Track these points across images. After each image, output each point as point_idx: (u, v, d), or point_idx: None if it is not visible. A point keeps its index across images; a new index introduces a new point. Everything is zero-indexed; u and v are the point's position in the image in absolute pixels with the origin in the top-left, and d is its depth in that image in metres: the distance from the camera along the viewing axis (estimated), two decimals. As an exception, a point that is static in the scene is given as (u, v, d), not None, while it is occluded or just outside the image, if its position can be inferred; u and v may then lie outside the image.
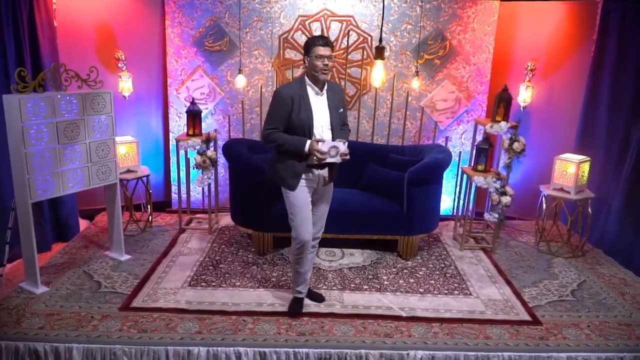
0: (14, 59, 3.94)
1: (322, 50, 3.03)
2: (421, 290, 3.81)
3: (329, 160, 3.10)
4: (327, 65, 3.06)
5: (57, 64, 3.71)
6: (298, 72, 5.09)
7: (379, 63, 4.09)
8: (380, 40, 4.04)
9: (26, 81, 3.41)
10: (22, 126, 3.34)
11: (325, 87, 3.17)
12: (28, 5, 4.05)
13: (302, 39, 5.01)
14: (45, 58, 4.22)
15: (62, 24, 4.56)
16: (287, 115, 3.09)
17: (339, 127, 3.25)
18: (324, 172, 3.26)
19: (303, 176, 3.20)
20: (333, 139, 3.15)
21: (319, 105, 3.15)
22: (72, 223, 4.65)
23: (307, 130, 3.11)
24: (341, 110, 3.26)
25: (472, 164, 4.64)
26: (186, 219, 5.01)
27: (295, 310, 3.43)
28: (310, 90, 3.14)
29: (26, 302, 3.46)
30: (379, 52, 4.04)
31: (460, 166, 5.05)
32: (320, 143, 3.07)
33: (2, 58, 3.86)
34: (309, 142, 3.08)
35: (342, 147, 3.10)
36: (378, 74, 4.13)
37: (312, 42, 3.07)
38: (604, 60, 4.60)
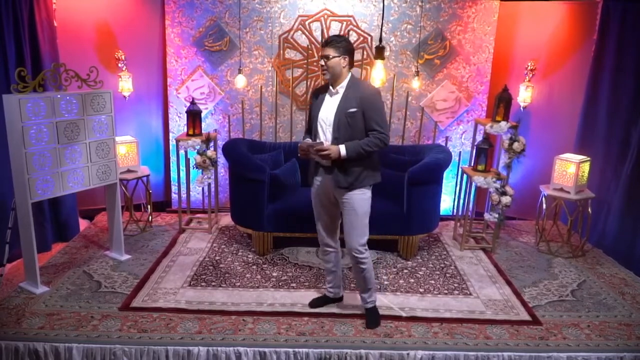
0: (14, 59, 3.94)
1: (321, 50, 3.08)
2: (421, 290, 3.81)
3: (316, 159, 3.14)
4: (322, 65, 3.06)
5: (57, 63, 3.71)
6: (298, 72, 5.10)
7: (379, 63, 4.08)
8: (380, 40, 4.03)
9: (26, 81, 3.41)
10: (22, 126, 3.34)
11: (344, 86, 3.07)
12: (28, 5, 4.05)
13: (302, 39, 5.02)
14: (45, 58, 4.22)
15: (62, 23, 4.56)
16: (310, 112, 3.26)
17: (351, 130, 3.03)
18: (328, 173, 3.16)
19: (317, 176, 3.25)
20: (337, 140, 3.04)
21: (329, 105, 3.10)
22: (72, 223, 4.65)
23: (312, 128, 3.19)
24: (352, 110, 3.01)
25: (472, 164, 4.64)
26: (186, 219, 5.01)
27: (312, 302, 3.52)
28: (329, 90, 3.13)
29: (26, 302, 3.46)
30: (379, 52, 4.03)
31: (460, 166, 5.05)
32: (305, 141, 3.12)
33: (2, 58, 3.86)
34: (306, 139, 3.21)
35: (320, 146, 3.02)
36: (378, 74, 4.12)
37: None
38: (604, 60, 4.60)
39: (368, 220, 3.23)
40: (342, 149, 3.00)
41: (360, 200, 3.15)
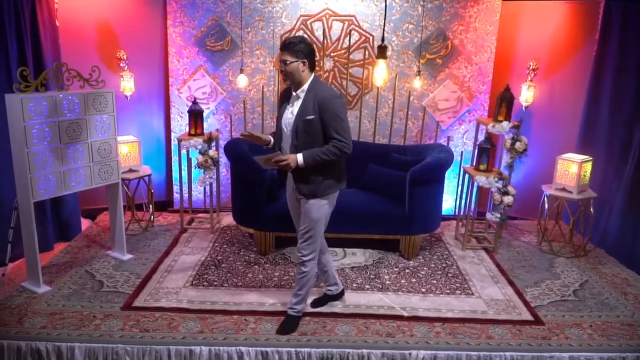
0: (16, 58, 3.95)
1: (280, 55, 2.97)
2: (423, 290, 3.80)
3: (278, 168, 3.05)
4: (281, 71, 2.97)
5: (60, 63, 3.71)
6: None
7: (381, 62, 4.08)
8: (383, 39, 4.03)
9: (28, 80, 3.41)
10: (25, 125, 3.34)
11: (304, 91, 2.97)
12: (30, 5, 4.06)
13: (303, 39, 5.01)
14: (48, 57, 4.23)
15: (64, 23, 4.56)
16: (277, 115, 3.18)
17: (309, 137, 2.94)
18: (291, 180, 3.13)
19: (287, 182, 3.23)
20: (296, 147, 2.96)
21: (291, 111, 3.03)
22: (74, 222, 4.65)
23: (278, 132, 3.13)
24: (309, 117, 2.91)
25: (474, 164, 4.63)
26: (188, 219, 5.01)
27: (315, 302, 3.53)
28: (293, 94, 3.04)
29: (28, 302, 3.46)
30: (381, 51, 4.03)
31: (462, 166, 5.04)
32: (259, 157, 3.01)
33: (5, 57, 3.86)
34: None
35: (277, 157, 2.93)
36: (380, 73, 4.12)
37: None
38: (606, 60, 4.59)
39: (323, 230, 3.16)
40: (300, 157, 2.92)
41: (317, 207, 3.07)
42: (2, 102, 3.44)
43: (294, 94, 3.02)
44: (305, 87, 2.97)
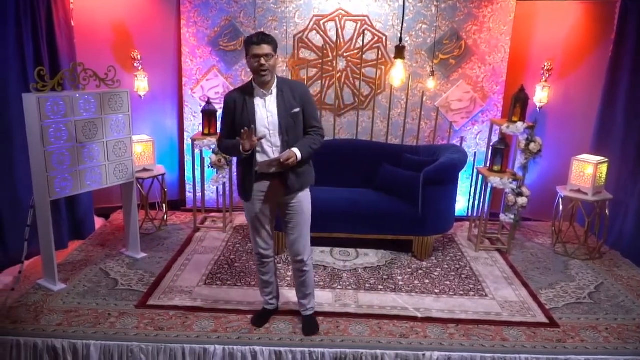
0: (33, 59, 3.98)
1: (256, 49, 2.77)
2: (436, 291, 3.79)
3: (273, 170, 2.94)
4: (262, 65, 2.78)
5: (76, 63, 3.74)
6: (312, 72, 5.09)
7: (399, 63, 4.06)
8: (400, 39, 4.02)
9: (45, 80, 3.44)
10: (42, 125, 3.37)
11: (275, 87, 2.90)
12: (46, 5, 4.09)
13: (316, 39, 5.02)
14: (63, 57, 4.26)
15: (80, 23, 4.60)
16: (231, 120, 2.93)
17: (296, 130, 2.93)
18: (273, 179, 2.98)
19: (255, 186, 3.00)
20: (287, 144, 2.89)
21: (266, 108, 2.89)
22: (88, 221, 4.69)
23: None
24: (296, 110, 2.90)
25: (488, 165, 4.60)
26: (201, 218, 5.04)
27: (255, 322, 3.28)
28: (257, 92, 2.89)
29: (44, 299, 3.50)
30: (399, 52, 4.01)
31: (475, 167, 5.02)
32: (261, 161, 2.91)
33: (21, 57, 3.90)
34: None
35: (284, 157, 2.83)
36: (398, 74, 4.10)
37: (248, 41, 2.81)
38: (622, 60, 4.54)
39: None
40: (297, 152, 2.85)
41: (308, 199, 3.07)
42: (19, 102, 3.48)
43: (264, 91, 2.88)
44: (275, 82, 2.90)
